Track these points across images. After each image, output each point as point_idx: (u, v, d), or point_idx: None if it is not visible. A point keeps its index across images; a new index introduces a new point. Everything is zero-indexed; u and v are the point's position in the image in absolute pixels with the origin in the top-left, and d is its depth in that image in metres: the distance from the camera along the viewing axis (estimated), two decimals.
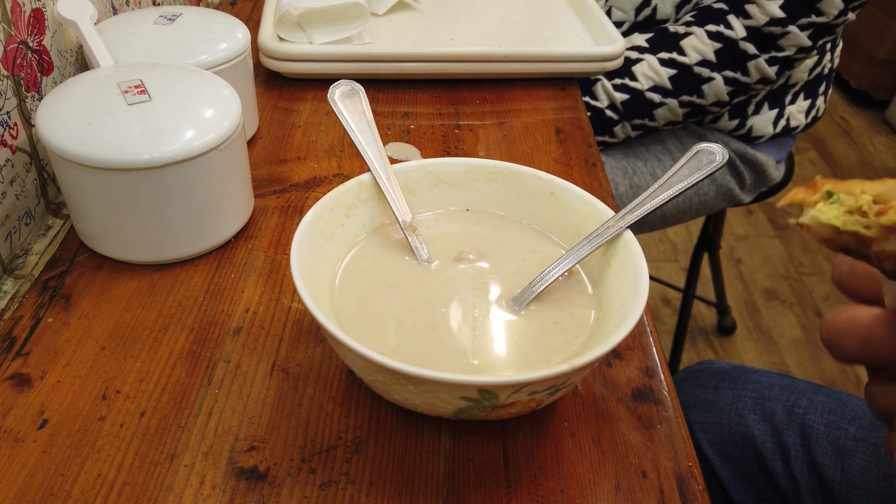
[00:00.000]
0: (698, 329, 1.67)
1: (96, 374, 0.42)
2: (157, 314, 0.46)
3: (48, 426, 0.39)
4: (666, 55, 0.93)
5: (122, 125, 0.45)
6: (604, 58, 0.75)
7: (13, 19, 0.49)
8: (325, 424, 0.40)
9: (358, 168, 0.61)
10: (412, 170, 0.47)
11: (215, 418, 0.40)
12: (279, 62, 0.70)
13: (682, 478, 0.38)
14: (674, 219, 1.12)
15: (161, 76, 0.49)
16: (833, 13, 0.89)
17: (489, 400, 0.34)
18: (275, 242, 0.53)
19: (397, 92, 0.73)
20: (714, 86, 0.94)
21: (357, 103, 0.49)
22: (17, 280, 0.49)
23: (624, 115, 0.96)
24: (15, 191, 0.50)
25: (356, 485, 0.37)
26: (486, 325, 0.41)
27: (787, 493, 0.60)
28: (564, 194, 0.46)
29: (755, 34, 0.91)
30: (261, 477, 0.37)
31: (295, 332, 0.45)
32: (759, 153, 1.07)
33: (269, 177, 0.60)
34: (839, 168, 2.23)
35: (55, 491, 0.36)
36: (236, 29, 0.59)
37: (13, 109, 0.50)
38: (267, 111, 0.68)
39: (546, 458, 0.39)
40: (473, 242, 0.46)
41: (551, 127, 0.69)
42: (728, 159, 0.43)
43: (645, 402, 0.42)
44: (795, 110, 1.06)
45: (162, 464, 0.38)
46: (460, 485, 0.38)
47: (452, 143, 0.66)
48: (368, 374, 0.36)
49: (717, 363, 0.71)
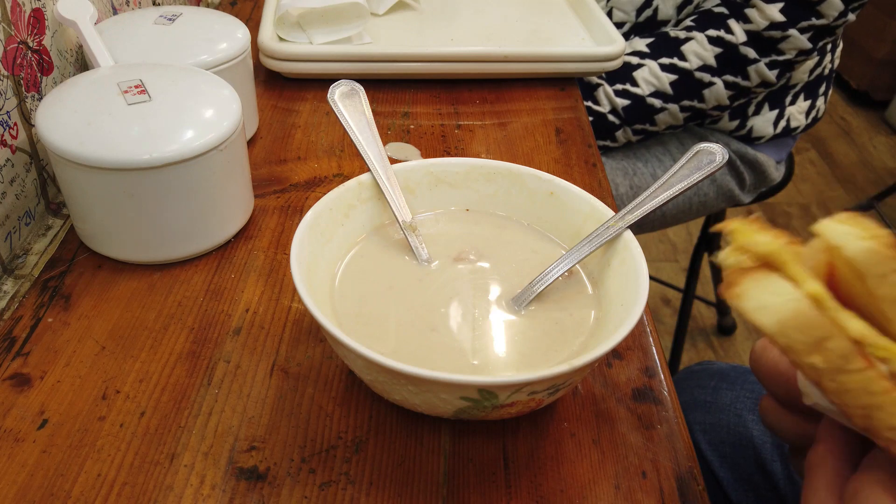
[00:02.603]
0: (698, 329, 1.67)
1: (96, 374, 0.42)
2: (157, 314, 0.46)
3: (48, 426, 0.39)
4: (667, 60, 0.94)
5: (122, 125, 0.45)
6: (603, 58, 0.75)
7: (13, 19, 0.49)
8: (325, 424, 0.40)
9: (358, 168, 0.61)
10: (412, 170, 0.47)
11: (215, 418, 0.40)
12: (279, 62, 0.70)
13: (682, 478, 0.38)
14: (674, 219, 1.12)
15: (161, 76, 0.49)
16: (833, 15, 0.89)
17: (489, 400, 0.34)
18: (275, 242, 0.53)
19: (397, 92, 0.73)
20: (715, 90, 0.94)
21: (357, 103, 0.49)
22: (17, 280, 0.49)
23: (626, 120, 0.96)
24: (15, 191, 0.50)
25: (356, 485, 0.37)
26: (485, 326, 0.41)
27: (785, 494, 0.60)
28: (564, 194, 0.46)
29: (755, 38, 0.91)
30: (261, 477, 0.37)
31: (295, 332, 0.45)
32: (760, 154, 1.08)
33: (269, 177, 0.60)
34: (839, 168, 2.23)
35: (55, 491, 0.36)
36: (236, 29, 0.59)
37: (13, 109, 0.50)
38: (267, 111, 0.68)
39: (546, 458, 0.39)
40: (473, 242, 0.46)
41: (551, 127, 0.69)
42: (728, 160, 0.43)
43: (645, 403, 0.42)
44: (796, 111, 1.06)
45: (162, 464, 0.38)
46: (460, 485, 0.38)
47: (452, 143, 0.66)
48: (368, 374, 0.36)
49: (716, 363, 0.71)
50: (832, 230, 0.24)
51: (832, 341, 0.22)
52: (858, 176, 2.21)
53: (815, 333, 0.22)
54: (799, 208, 2.08)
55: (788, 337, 0.23)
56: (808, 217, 2.05)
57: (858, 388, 0.22)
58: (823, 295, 0.23)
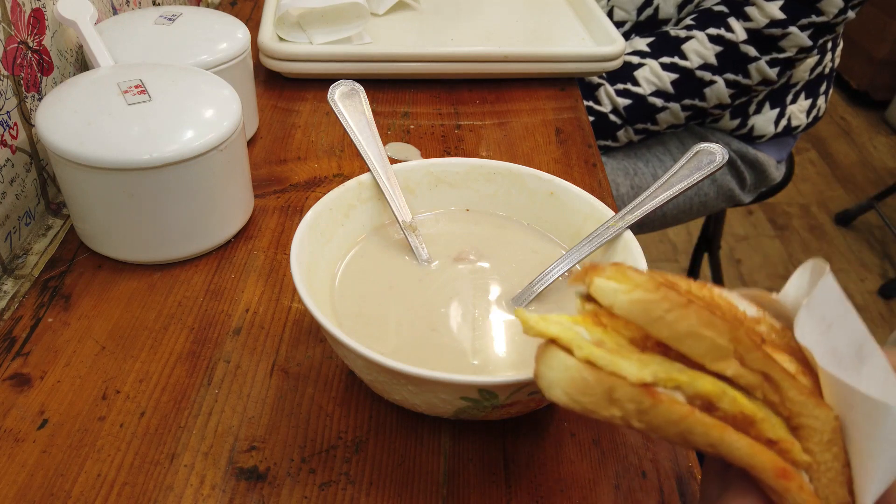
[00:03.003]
0: None
1: (96, 374, 0.42)
2: (157, 314, 0.46)
3: (48, 426, 0.39)
4: (668, 59, 0.94)
5: (122, 125, 0.45)
6: (604, 58, 0.74)
7: (13, 19, 0.49)
8: (325, 424, 0.40)
9: (358, 168, 0.61)
10: (412, 170, 0.47)
11: (215, 418, 0.40)
12: (279, 62, 0.70)
13: (682, 478, 0.38)
14: (674, 219, 1.12)
15: (161, 76, 0.49)
16: (833, 12, 0.89)
17: (489, 400, 0.34)
18: (275, 242, 0.53)
19: (397, 92, 0.73)
20: (716, 89, 0.94)
21: (357, 103, 0.49)
22: (17, 280, 0.49)
23: (627, 119, 0.96)
24: (15, 191, 0.50)
25: (356, 485, 0.37)
26: (486, 326, 0.41)
27: None
28: (564, 194, 0.46)
29: (756, 36, 0.91)
30: (261, 477, 0.37)
31: (295, 332, 0.45)
32: (760, 153, 1.07)
33: (269, 177, 0.60)
34: (839, 168, 2.23)
35: (55, 491, 0.36)
36: (236, 29, 0.59)
37: (13, 109, 0.50)
38: (267, 111, 0.68)
39: (546, 458, 0.39)
40: (473, 242, 0.46)
41: (551, 127, 0.69)
42: (728, 159, 0.43)
43: None
44: (797, 110, 1.06)
45: (162, 464, 0.38)
46: (460, 485, 0.38)
47: (452, 143, 0.66)
48: (368, 375, 0.36)
49: None
50: (602, 290, 0.25)
51: (617, 391, 0.23)
52: (858, 176, 2.21)
53: (598, 391, 0.24)
54: (799, 208, 2.08)
55: (579, 402, 0.24)
56: (808, 217, 2.05)
57: (662, 421, 0.24)
58: (594, 355, 0.24)
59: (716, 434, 0.24)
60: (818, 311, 0.26)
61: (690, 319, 0.24)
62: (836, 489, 0.25)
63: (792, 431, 0.25)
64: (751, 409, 0.24)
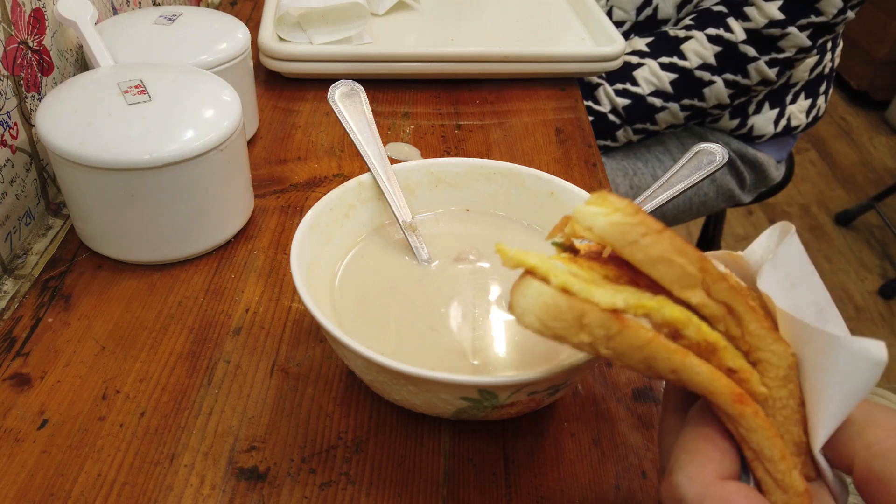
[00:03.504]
0: None
1: (96, 374, 0.42)
2: (157, 314, 0.46)
3: (48, 426, 0.39)
4: (667, 59, 0.94)
5: (122, 125, 0.45)
6: (603, 58, 0.75)
7: (13, 19, 0.49)
8: (325, 424, 0.40)
9: (358, 168, 0.61)
10: (412, 170, 0.47)
11: (215, 418, 0.40)
12: (279, 62, 0.70)
13: None
14: (674, 219, 1.12)
15: (161, 76, 0.49)
16: (832, 12, 0.89)
17: (489, 400, 0.34)
18: (275, 242, 0.53)
19: (397, 92, 0.73)
20: (715, 89, 0.94)
21: (357, 103, 0.49)
22: (17, 280, 0.49)
23: (626, 119, 0.96)
24: (15, 191, 0.50)
25: (356, 485, 0.37)
26: (486, 326, 0.41)
27: None
28: (564, 194, 0.46)
29: (755, 36, 0.91)
30: (261, 477, 0.37)
31: (295, 332, 0.45)
32: (760, 153, 1.08)
33: (269, 177, 0.60)
34: (839, 168, 2.23)
35: (55, 491, 0.36)
36: (236, 29, 0.59)
37: (13, 109, 0.50)
38: (267, 111, 0.69)
39: (546, 458, 0.39)
40: (473, 242, 0.46)
41: (551, 127, 0.69)
42: (728, 159, 0.43)
43: (645, 402, 0.42)
44: (796, 110, 1.06)
45: (162, 464, 0.38)
46: (460, 485, 0.38)
47: (452, 143, 0.66)
48: (368, 375, 0.36)
49: None
50: (582, 213, 0.26)
51: (587, 317, 0.24)
52: (858, 176, 2.21)
53: (570, 316, 0.24)
54: (799, 208, 2.08)
55: (550, 328, 0.25)
56: (809, 217, 2.05)
57: (627, 346, 0.24)
58: (569, 282, 0.25)
59: (678, 359, 0.24)
60: (782, 269, 0.27)
61: (664, 245, 0.25)
62: (791, 427, 0.26)
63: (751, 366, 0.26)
64: (714, 337, 0.25)
